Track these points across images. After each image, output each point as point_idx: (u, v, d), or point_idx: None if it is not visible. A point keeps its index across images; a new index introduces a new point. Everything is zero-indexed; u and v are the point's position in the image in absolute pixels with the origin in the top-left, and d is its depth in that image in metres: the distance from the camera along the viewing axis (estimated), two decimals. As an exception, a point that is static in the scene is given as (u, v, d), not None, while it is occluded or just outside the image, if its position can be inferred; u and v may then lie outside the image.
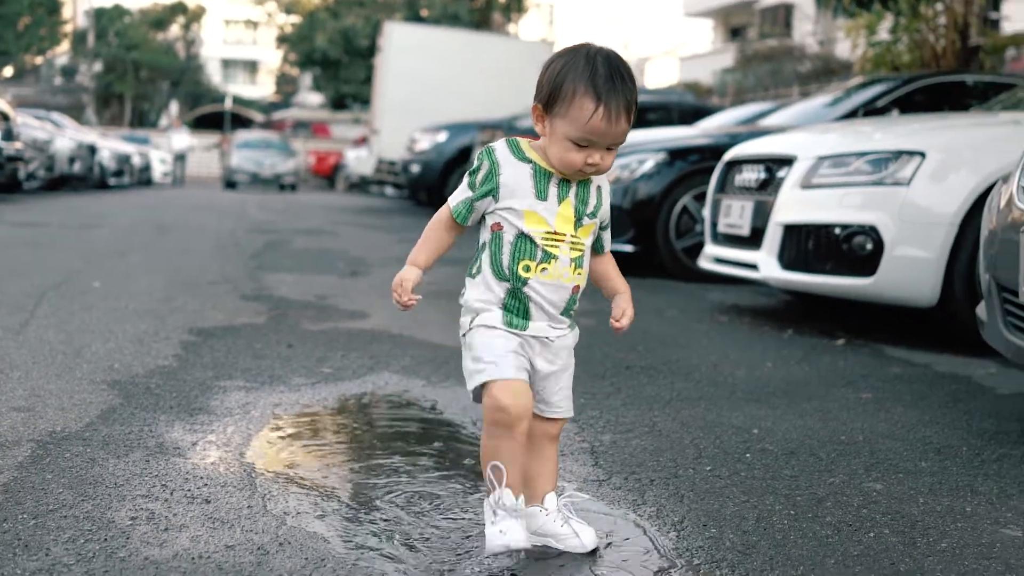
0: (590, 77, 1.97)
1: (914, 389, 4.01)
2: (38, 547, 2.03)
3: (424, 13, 34.72)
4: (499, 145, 2.09)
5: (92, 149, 20.17)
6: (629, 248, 7.67)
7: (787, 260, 5.31)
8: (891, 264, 4.85)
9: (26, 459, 2.58)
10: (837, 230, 5.04)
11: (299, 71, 48.84)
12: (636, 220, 7.64)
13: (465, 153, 14.39)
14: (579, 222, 2.07)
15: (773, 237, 5.37)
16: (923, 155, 4.87)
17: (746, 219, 5.74)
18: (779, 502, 2.54)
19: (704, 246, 6.42)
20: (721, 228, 6.07)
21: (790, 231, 5.29)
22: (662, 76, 45.22)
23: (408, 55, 18.61)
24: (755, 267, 5.51)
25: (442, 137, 15.16)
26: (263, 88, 63.32)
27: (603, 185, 2.14)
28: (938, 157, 4.87)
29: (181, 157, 32.03)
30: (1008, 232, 3.23)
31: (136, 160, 25.16)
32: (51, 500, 2.30)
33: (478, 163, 2.08)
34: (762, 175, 5.75)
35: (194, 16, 55.09)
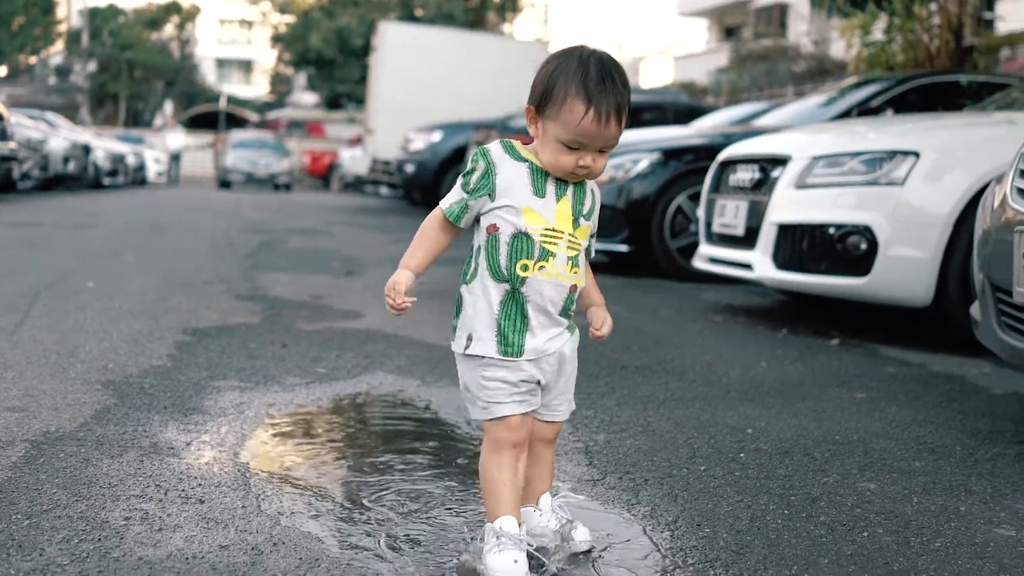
0: (581, 79, 1.95)
1: (908, 389, 4.01)
2: (32, 547, 2.03)
3: (419, 13, 34.75)
4: (494, 146, 2.07)
5: (86, 149, 20.14)
6: (624, 248, 7.67)
7: (781, 260, 5.31)
8: (885, 264, 4.85)
9: (20, 459, 2.58)
10: (831, 230, 5.05)
11: (294, 71, 48.78)
12: (631, 220, 7.63)
13: (460, 153, 14.38)
14: (576, 222, 2.07)
15: (767, 237, 5.37)
16: (917, 155, 4.87)
17: (740, 219, 5.74)
18: (773, 502, 2.54)
19: (699, 246, 6.42)
20: (716, 228, 6.07)
21: (784, 231, 5.29)
22: (657, 76, 45.21)
23: (403, 55, 18.61)
24: (750, 267, 5.52)
25: (437, 137, 15.16)
26: (258, 88, 63.27)
27: (595, 190, 2.14)
28: (932, 157, 4.88)
29: (176, 157, 32.03)
30: (1002, 232, 3.23)
31: (130, 160, 25.12)
32: (45, 500, 2.29)
33: (473, 164, 2.05)
34: (756, 175, 5.76)
35: (188, 16, 55.07)
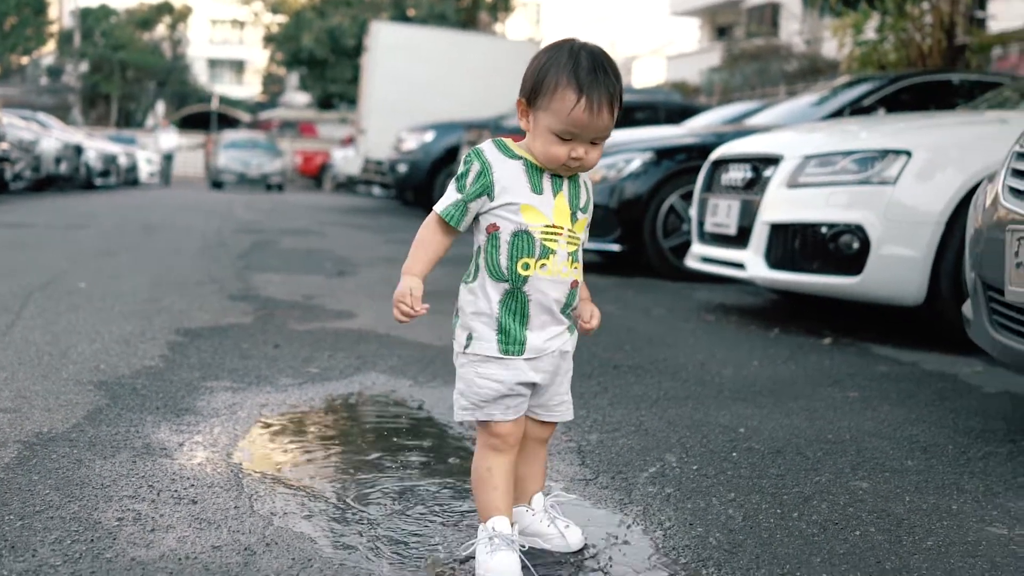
0: (572, 69, 1.95)
1: (901, 387, 4.02)
2: (25, 548, 2.02)
3: (411, 13, 34.69)
4: (487, 146, 2.06)
5: (78, 149, 20.12)
6: (616, 247, 7.68)
7: (774, 259, 5.32)
8: (877, 263, 4.86)
9: (12, 460, 2.58)
10: (823, 229, 5.05)
11: (286, 71, 48.73)
12: (623, 219, 7.64)
13: (452, 153, 14.38)
14: (574, 216, 2.06)
15: (760, 236, 5.38)
16: (909, 154, 4.88)
17: (733, 218, 5.75)
18: (765, 501, 2.54)
19: (691, 245, 6.43)
20: (708, 227, 6.08)
21: (777, 230, 5.30)
22: (649, 75, 45.21)
23: (395, 55, 18.60)
24: (742, 266, 5.52)
25: (429, 137, 15.16)
26: (250, 88, 63.21)
27: (588, 182, 2.14)
28: (924, 156, 4.89)
29: (169, 157, 31.96)
30: (994, 231, 3.24)
31: (122, 160, 25.08)
32: (38, 501, 2.29)
33: (466, 165, 2.04)
34: (749, 174, 5.76)
35: (180, 16, 54.96)
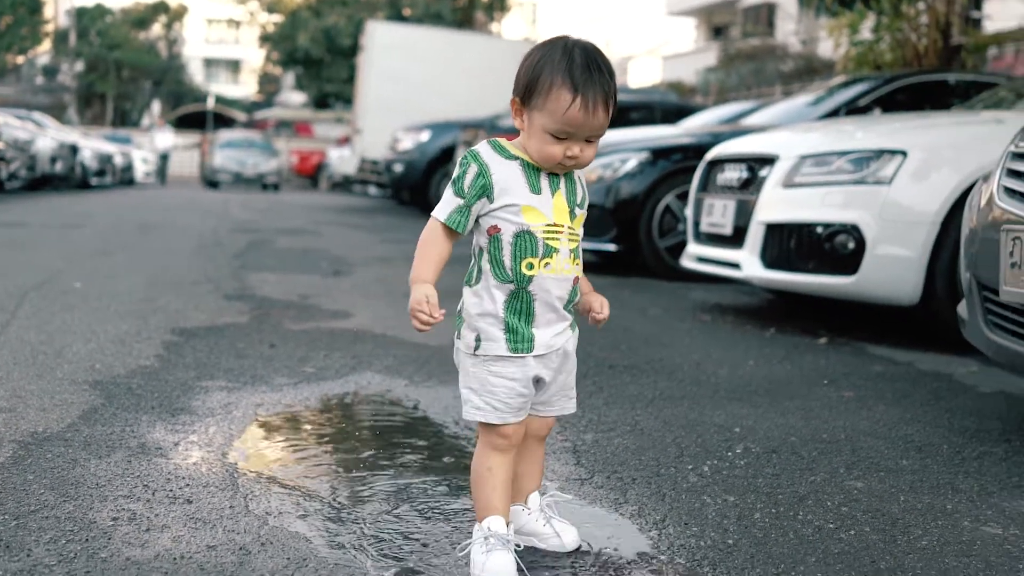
0: (567, 68, 1.95)
1: (896, 387, 4.02)
2: (19, 548, 2.02)
3: (407, 12, 34.72)
4: (482, 147, 2.05)
5: (74, 149, 20.08)
6: (612, 247, 7.68)
7: (769, 259, 5.32)
8: (873, 263, 4.87)
9: (7, 460, 2.57)
10: (819, 229, 5.06)
11: (281, 70, 48.74)
12: (619, 219, 7.64)
13: (448, 152, 14.37)
14: (572, 213, 2.06)
15: (755, 236, 5.38)
16: (905, 154, 4.89)
17: (728, 218, 5.75)
18: (761, 500, 2.54)
19: (687, 245, 6.43)
20: (704, 227, 6.08)
21: (772, 230, 5.30)
22: (645, 75, 45.10)
23: (391, 54, 18.59)
24: (737, 266, 5.53)
25: (425, 136, 15.15)
26: (245, 87, 63.17)
27: (583, 178, 2.14)
28: (920, 156, 4.89)
29: (165, 156, 31.94)
30: (989, 231, 3.24)
31: (118, 160, 25.04)
32: (32, 501, 2.29)
33: (463, 168, 2.02)
34: (744, 174, 5.76)
35: (176, 15, 54.92)
